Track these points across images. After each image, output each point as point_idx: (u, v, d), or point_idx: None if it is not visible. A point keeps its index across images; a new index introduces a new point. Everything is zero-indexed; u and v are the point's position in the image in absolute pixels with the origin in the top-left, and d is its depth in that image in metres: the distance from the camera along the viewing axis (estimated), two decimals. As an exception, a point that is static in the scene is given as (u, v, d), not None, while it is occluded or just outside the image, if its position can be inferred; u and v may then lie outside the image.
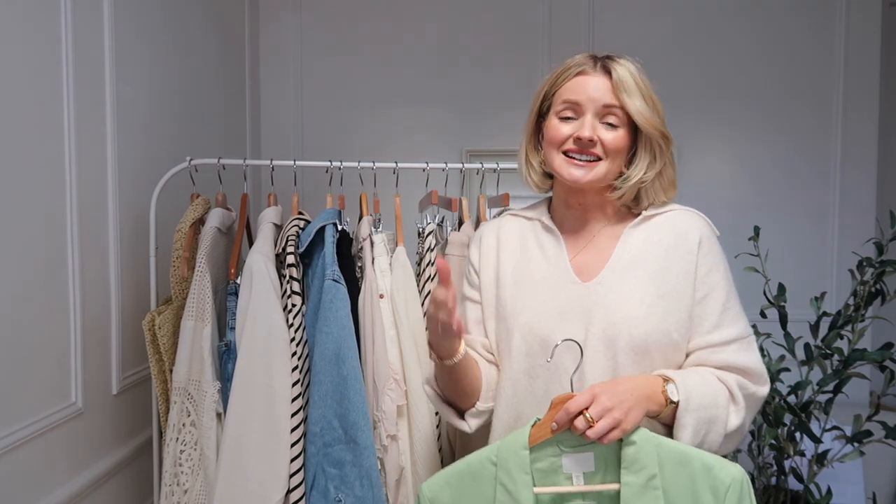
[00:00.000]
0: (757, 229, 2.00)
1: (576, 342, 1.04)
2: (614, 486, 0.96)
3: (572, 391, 1.00)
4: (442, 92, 2.87)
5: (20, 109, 1.33)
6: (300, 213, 1.64)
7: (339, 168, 1.71)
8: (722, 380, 1.05)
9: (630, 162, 1.13)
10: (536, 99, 1.18)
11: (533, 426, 0.99)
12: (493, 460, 0.98)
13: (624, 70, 1.09)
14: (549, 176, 1.20)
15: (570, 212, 1.19)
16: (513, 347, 1.12)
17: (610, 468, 0.98)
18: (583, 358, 1.04)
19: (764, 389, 1.08)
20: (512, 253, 1.19)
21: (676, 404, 1.00)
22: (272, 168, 1.73)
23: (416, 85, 2.88)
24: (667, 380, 1.03)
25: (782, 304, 1.94)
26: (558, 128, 1.11)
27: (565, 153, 1.10)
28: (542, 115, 1.18)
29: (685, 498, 0.94)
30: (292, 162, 1.73)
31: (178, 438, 1.52)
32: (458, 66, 2.85)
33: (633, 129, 1.11)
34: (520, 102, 2.82)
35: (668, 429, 1.04)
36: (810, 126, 2.77)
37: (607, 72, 1.10)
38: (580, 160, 1.09)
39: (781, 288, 1.97)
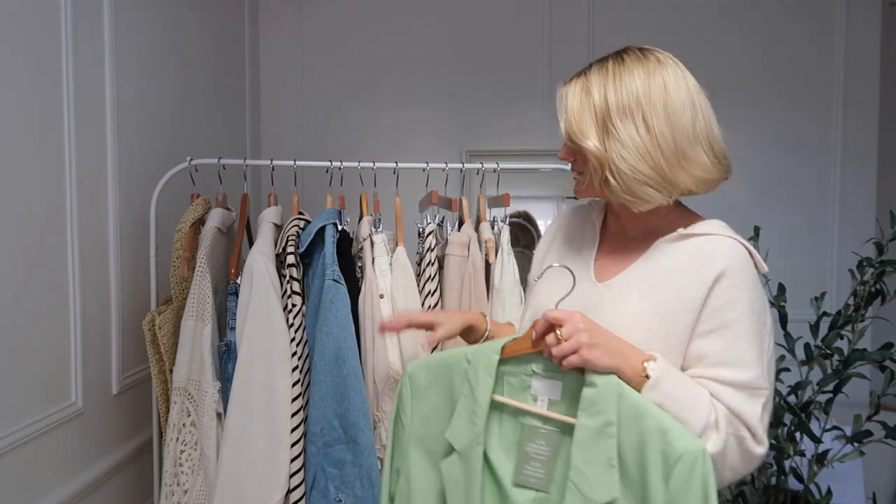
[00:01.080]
0: (757, 229, 2.00)
1: (568, 270, 1.05)
2: (570, 420, 0.96)
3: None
4: (442, 92, 2.87)
5: (20, 109, 1.33)
6: (300, 213, 1.64)
7: (339, 168, 1.71)
8: (714, 405, 0.97)
9: None
10: None
11: (510, 341, 1.03)
12: (468, 358, 1.04)
13: (565, 89, 1.08)
14: None
15: (613, 217, 1.21)
16: (523, 327, 1.17)
17: (574, 404, 0.98)
18: (573, 289, 1.03)
19: (760, 449, 0.96)
20: (562, 243, 1.24)
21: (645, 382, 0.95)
22: (272, 168, 1.73)
23: (416, 85, 2.88)
24: (653, 358, 0.98)
25: (782, 304, 1.94)
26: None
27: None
28: None
29: (634, 454, 0.91)
30: (292, 162, 1.73)
31: (178, 438, 1.52)
32: (458, 67, 2.85)
33: None
34: (520, 103, 2.85)
35: None
36: (810, 126, 2.77)
37: None
38: (575, 176, 1.13)
39: (781, 288, 1.97)
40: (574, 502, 0.93)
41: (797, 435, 1.87)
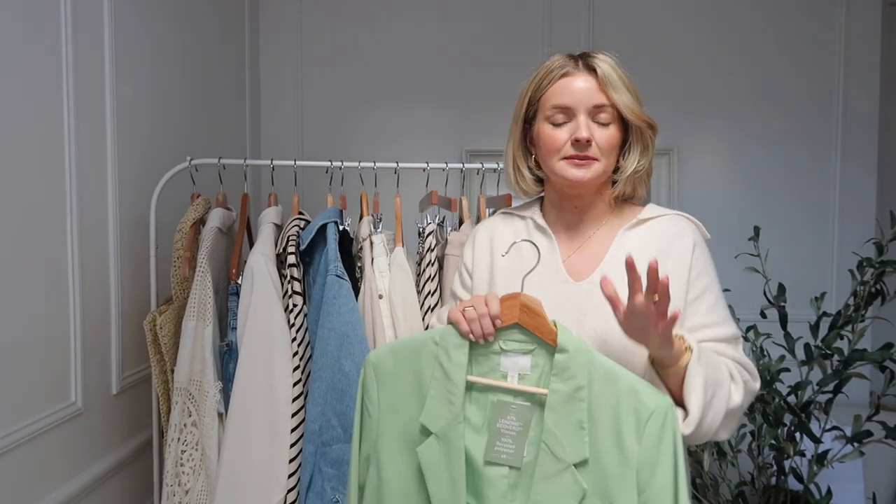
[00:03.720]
0: (757, 229, 2.00)
1: (533, 244, 1.11)
2: (542, 391, 0.98)
3: (521, 291, 1.02)
4: (442, 92, 2.87)
5: (20, 109, 1.33)
6: (300, 213, 1.64)
7: (340, 168, 1.71)
8: (724, 361, 1.06)
9: (622, 155, 1.15)
10: (520, 106, 1.18)
11: None
12: (436, 340, 1.03)
13: (606, 66, 1.10)
14: (539, 181, 1.21)
15: (563, 214, 1.19)
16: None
17: (544, 376, 1.00)
18: (538, 263, 1.08)
19: (756, 384, 1.09)
20: (507, 251, 1.20)
21: (690, 354, 0.99)
22: (272, 168, 1.73)
23: (416, 85, 2.88)
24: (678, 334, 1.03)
25: (782, 304, 1.94)
26: (553, 135, 1.11)
27: (565, 157, 1.11)
28: (527, 122, 1.18)
29: (608, 415, 0.95)
30: (292, 162, 1.73)
31: (179, 438, 1.52)
32: (458, 66, 2.85)
33: (622, 123, 1.12)
34: (520, 102, 2.84)
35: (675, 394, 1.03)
36: (810, 126, 2.77)
37: (591, 69, 1.10)
38: (580, 161, 1.10)
39: (781, 288, 1.97)
40: (546, 464, 0.96)
41: (797, 435, 1.87)
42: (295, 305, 1.51)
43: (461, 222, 1.73)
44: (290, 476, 1.45)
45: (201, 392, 1.50)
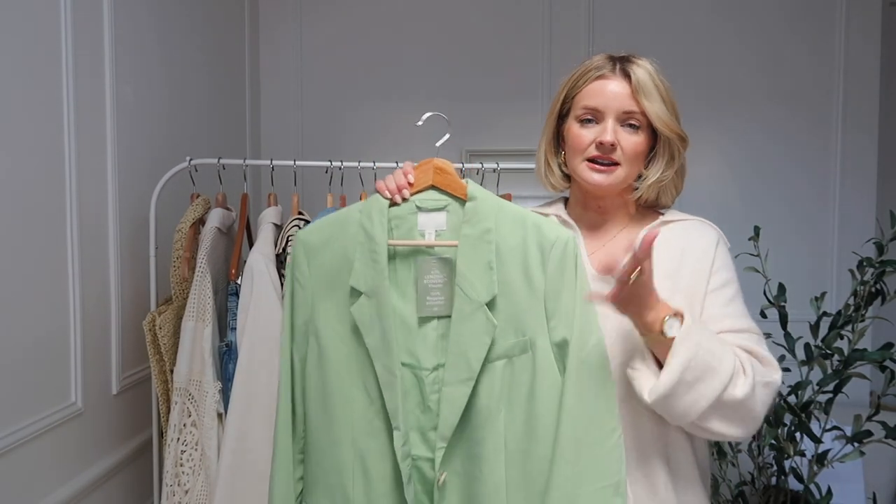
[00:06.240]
0: (757, 229, 2.00)
1: (443, 117, 1.20)
2: (454, 243, 1.05)
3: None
4: (442, 92, 2.87)
5: (20, 109, 1.33)
6: (300, 213, 1.64)
7: (340, 168, 1.71)
8: (738, 354, 1.02)
9: (648, 162, 1.15)
10: (556, 101, 1.19)
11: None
12: (360, 209, 1.09)
13: (643, 72, 1.10)
14: (568, 177, 1.22)
15: (587, 213, 1.21)
16: None
17: (458, 229, 1.07)
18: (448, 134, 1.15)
19: (776, 375, 1.04)
20: None
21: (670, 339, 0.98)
22: (272, 168, 1.73)
23: (416, 84, 2.87)
24: (676, 314, 1.00)
25: (782, 304, 1.94)
26: (580, 134, 1.12)
27: (588, 159, 1.12)
28: (561, 118, 1.20)
29: (517, 253, 1.03)
30: (292, 162, 1.73)
31: (179, 439, 1.52)
32: (457, 66, 2.85)
33: (652, 130, 1.13)
34: (520, 102, 2.85)
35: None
36: (810, 126, 2.77)
37: (626, 75, 1.11)
38: (601, 165, 1.11)
39: (781, 288, 1.97)
40: (461, 305, 1.02)
41: (797, 435, 1.87)
42: (295, 305, 1.51)
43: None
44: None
45: (201, 392, 1.50)
